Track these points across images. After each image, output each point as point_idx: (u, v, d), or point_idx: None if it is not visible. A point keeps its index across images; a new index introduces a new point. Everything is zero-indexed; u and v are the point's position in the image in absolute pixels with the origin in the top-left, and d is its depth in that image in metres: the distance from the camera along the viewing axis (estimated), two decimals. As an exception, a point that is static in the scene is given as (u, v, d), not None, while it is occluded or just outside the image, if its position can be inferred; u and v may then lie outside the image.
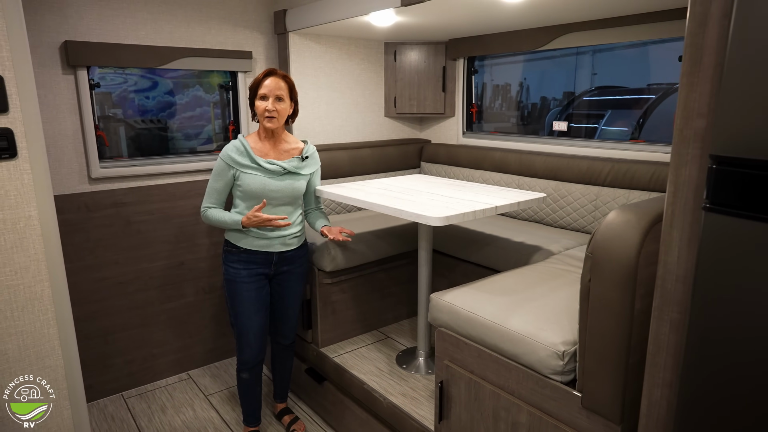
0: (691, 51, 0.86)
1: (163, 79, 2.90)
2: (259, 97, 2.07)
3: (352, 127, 3.31)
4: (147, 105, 2.90)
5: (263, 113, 2.07)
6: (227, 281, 2.18)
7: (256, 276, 2.17)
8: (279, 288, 2.28)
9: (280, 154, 2.18)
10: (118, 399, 2.81)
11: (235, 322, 2.21)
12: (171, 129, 2.98)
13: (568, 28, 2.58)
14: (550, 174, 2.74)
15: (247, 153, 2.09)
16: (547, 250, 2.34)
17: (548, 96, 3.28)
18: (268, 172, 2.10)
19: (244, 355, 2.23)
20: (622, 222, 1.33)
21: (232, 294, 2.17)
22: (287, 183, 2.14)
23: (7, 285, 1.49)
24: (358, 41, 3.21)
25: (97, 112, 2.65)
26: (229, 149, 2.10)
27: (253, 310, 2.18)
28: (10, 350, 1.52)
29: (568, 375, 1.52)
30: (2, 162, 1.44)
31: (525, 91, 3.42)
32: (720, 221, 0.81)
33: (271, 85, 2.06)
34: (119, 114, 2.80)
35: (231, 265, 2.15)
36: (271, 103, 2.05)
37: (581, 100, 3.21)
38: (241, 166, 2.08)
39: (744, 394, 0.85)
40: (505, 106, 3.44)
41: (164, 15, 2.66)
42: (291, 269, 2.26)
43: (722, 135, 0.79)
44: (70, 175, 2.52)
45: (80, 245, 2.60)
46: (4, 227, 1.46)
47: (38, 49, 2.36)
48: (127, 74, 2.77)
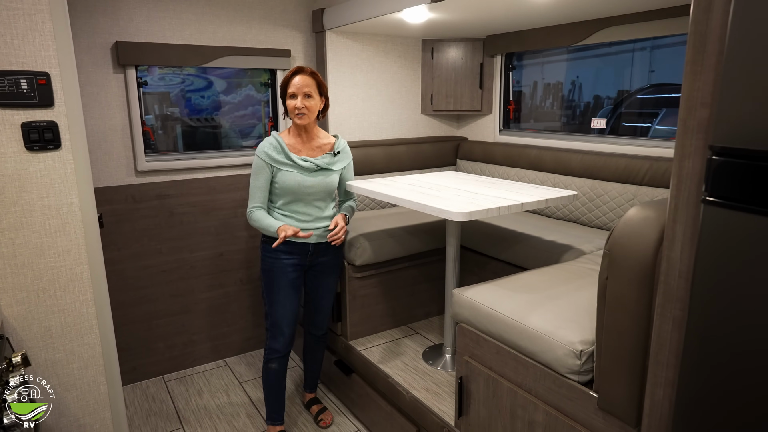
0: (694, 39, 0.83)
1: (218, 79, 3.04)
2: (289, 95, 2.13)
3: (387, 124, 3.33)
4: (202, 104, 3.04)
5: (293, 111, 2.13)
6: (265, 270, 2.24)
7: (292, 266, 2.22)
8: (314, 280, 2.34)
9: (312, 150, 2.23)
10: (160, 381, 2.96)
11: (270, 310, 2.26)
12: (224, 127, 3.12)
13: (608, 21, 2.51)
14: (587, 172, 2.66)
15: (282, 150, 2.14)
16: (578, 250, 2.28)
17: (602, 95, 3.18)
18: (303, 169, 2.15)
19: (277, 343, 2.27)
20: (642, 219, 1.29)
21: (269, 283, 2.23)
22: (320, 179, 2.19)
23: (51, 266, 1.62)
24: (395, 39, 3.23)
25: (155, 111, 2.80)
26: (265, 147, 2.15)
27: (288, 300, 2.24)
28: (53, 326, 1.65)
29: (585, 375, 1.49)
30: (48, 152, 1.56)
31: (577, 89, 3.33)
32: (719, 214, 0.77)
33: (299, 83, 2.11)
34: (176, 113, 2.96)
35: (269, 255, 2.20)
36: (300, 101, 2.11)
37: (635, 98, 3.10)
38: (278, 163, 2.14)
39: (745, 391, 0.81)
40: (555, 104, 3.35)
41: (208, 15, 2.77)
42: (326, 261, 2.31)
43: (722, 125, 0.76)
44: (119, 168, 2.68)
45: (127, 234, 2.75)
46: (49, 213, 1.59)
47: (92, 49, 2.52)
48: (184, 74, 2.92)
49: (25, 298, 1.59)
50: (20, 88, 1.48)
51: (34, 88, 1.50)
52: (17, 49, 1.48)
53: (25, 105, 1.50)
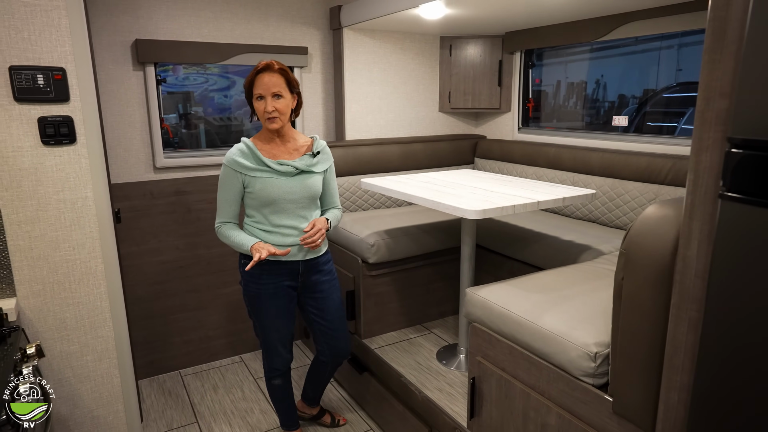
0: (714, 25, 0.78)
1: (241, 78, 3.06)
2: (256, 97, 1.85)
3: (404, 121, 3.31)
4: (225, 103, 3.07)
5: (263, 115, 1.86)
6: (249, 297, 1.99)
7: (283, 289, 1.98)
8: (316, 303, 2.09)
9: (289, 153, 1.97)
10: (176, 376, 2.99)
11: (262, 335, 2.07)
12: (246, 125, 3.14)
13: (630, 16, 2.44)
14: (607, 171, 2.60)
15: (253, 155, 1.88)
16: (596, 250, 2.23)
17: (627, 93, 3.11)
18: (280, 174, 1.89)
19: (275, 364, 2.11)
20: (660, 217, 1.24)
21: (257, 310, 2.00)
22: (301, 183, 1.93)
23: (67, 259, 1.64)
24: (413, 36, 3.21)
25: (179, 110, 2.84)
26: (233, 153, 1.88)
27: (282, 324, 2.03)
28: (68, 319, 1.67)
29: (600, 378, 1.44)
30: (63, 147, 1.58)
31: (601, 88, 3.27)
32: (737, 210, 0.73)
33: (267, 82, 1.82)
34: (200, 112, 2.99)
35: (252, 280, 1.95)
36: (269, 103, 1.83)
37: (661, 96, 3.02)
38: (249, 170, 1.86)
39: (763, 397, 0.76)
40: (579, 104, 3.29)
41: (225, 13, 2.79)
42: (320, 278, 2.06)
43: (741, 115, 0.72)
44: (138, 165, 2.72)
45: (145, 230, 2.79)
46: (64, 206, 1.61)
47: (112, 47, 2.56)
48: (208, 74, 2.95)
49: (40, 291, 1.62)
50: (37, 83, 1.50)
51: (50, 83, 1.52)
52: (34, 44, 1.50)
53: (41, 100, 1.52)
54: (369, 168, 3.09)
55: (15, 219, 1.55)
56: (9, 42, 1.47)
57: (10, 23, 1.46)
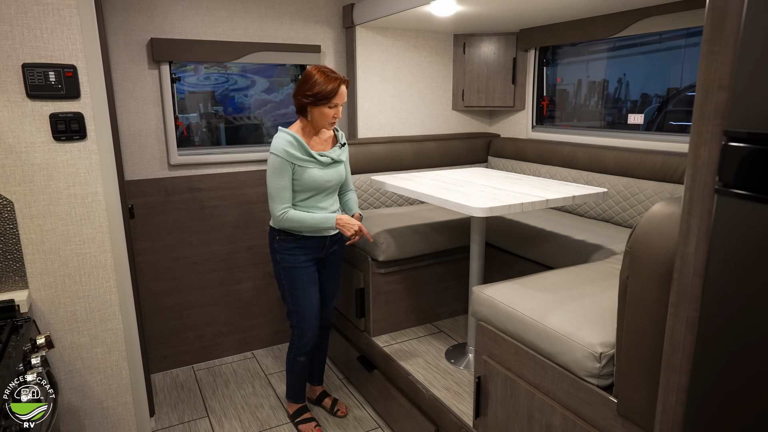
0: (712, 15, 0.76)
1: (261, 78, 3.09)
2: (331, 104, 2.06)
3: (417, 119, 3.30)
4: (245, 102, 3.10)
5: (330, 119, 2.09)
6: (286, 269, 2.20)
7: (311, 261, 2.23)
8: (326, 271, 2.34)
9: (322, 144, 2.21)
10: (189, 370, 3.03)
11: (297, 308, 2.25)
12: (265, 125, 3.17)
13: (646, 12, 2.39)
14: (621, 170, 2.55)
15: (300, 146, 2.07)
16: (608, 249, 2.19)
17: (650, 92, 3.04)
18: (321, 164, 2.13)
19: (306, 338, 2.28)
20: (666, 215, 1.21)
21: (292, 280, 2.21)
22: (335, 172, 2.19)
23: (77, 253, 1.67)
24: (426, 33, 3.19)
25: (200, 109, 2.88)
26: (283, 144, 2.05)
27: (313, 294, 2.25)
28: (78, 311, 1.71)
29: (605, 379, 1.42)
30: (74, 143, 1.61)
31: (624, 87, 3.20)
32: (733, 205, 0.71)
33: (343, 93, 2.07)
34: (220, 111, 3.03)
35: (288, 253, 2.18)
36: (339, 111, 2.09)
37: (684, 95, 2.95)
38: (299, 160, 2.07)
39: (760, 399, 0.74)
40: (600, 103, 3.23)
41: (240, 12, 2.82)
42: (336, 250, 2.33)
43: (738, 108, 0.69)
44: (152, 162, 2.76)
45: (160, 226, 2.83)
46: (75, 201, 1.64)
47: (128, 46, 2.60)
48: (228, 74, 2.98)
49: (52, 283, 1.65)
50: (48, 80, 1.54)
51: (61, 80, 1.55)
52: (46, 42, 1.53)
53: (53, 96, 1.55)
54: (381, 166, 3.09)
55: (27, 213, 1.59)
56: (22, 40, 1.51)
57: (23, 22, 1.50)
